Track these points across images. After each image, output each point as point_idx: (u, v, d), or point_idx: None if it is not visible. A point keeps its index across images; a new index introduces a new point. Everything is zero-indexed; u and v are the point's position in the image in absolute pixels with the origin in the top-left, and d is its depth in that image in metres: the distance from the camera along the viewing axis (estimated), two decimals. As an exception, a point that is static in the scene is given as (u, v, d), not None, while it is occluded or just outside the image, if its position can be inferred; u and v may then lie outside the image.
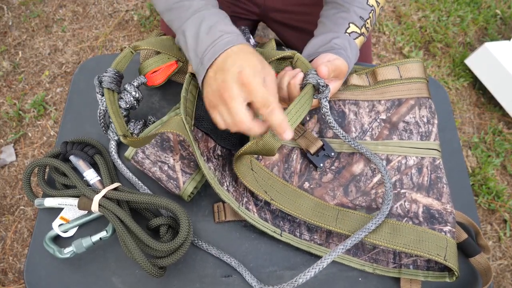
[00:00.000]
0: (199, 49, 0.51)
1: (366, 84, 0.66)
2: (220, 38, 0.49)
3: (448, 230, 0.55)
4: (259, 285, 0.53)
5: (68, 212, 0.57)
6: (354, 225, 0.55)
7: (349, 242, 0.51)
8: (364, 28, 0.63)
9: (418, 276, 0.55)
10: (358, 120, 0.63)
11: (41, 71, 1.54)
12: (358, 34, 0.62)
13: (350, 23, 0.62)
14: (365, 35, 0.64)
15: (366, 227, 0.52)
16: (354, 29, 0.62)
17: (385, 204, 0.54)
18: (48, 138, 1.41)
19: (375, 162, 0.57)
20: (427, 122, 0.63)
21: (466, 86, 1.68)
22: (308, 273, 0.49)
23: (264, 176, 0.57)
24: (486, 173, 1.46)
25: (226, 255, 0.55)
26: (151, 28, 1.66)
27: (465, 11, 1.85)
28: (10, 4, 1.68)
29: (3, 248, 1.24)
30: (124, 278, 0.54)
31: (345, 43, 0.60)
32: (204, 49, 0.50)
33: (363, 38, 0.63)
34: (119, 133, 0.53)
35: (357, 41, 0.62)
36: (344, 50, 0.59)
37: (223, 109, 0.47)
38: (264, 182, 0.56)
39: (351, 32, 0.61)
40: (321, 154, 0.61)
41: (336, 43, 0.60)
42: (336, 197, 0.59)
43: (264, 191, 0.55)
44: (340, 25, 0.62)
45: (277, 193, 0.56)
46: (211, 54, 0.49)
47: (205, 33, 0.50)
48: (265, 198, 0.55)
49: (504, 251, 1.36)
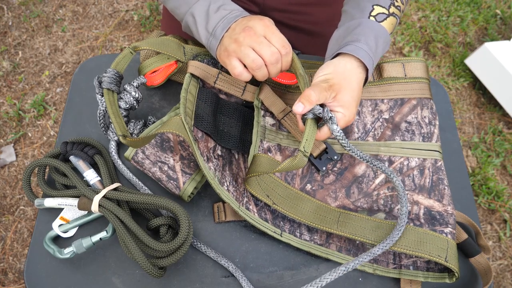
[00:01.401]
0: (209, 25, 0.56)
1: (370, 79, 0.65)
2: (230, 13, 0.56)
3: (449, 231, 0.55)
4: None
5: (68, 212, 0.57)
6: (355, 227, 0.54)
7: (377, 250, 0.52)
8: (393, 7, 0.56)
9: (418, 277, 0.55)
10: (361, 120, 0.63)
11: (41, 71, 1.54)
12: (386, 15, 0.56)
13: (374, 5, 0.56)
14: (396, 15, 0.57)
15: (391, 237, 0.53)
16: (380, 11, 0.56)
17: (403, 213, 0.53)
18: (48, 138, 1.41)
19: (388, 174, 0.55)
20: (428, 123, 0.63)
21: (466, 86, 1.68)
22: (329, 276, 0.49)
23: (266, 180, 0.57)
24: (486, 173, 1.46)
25: (224, 258, 0.55)
26: (151, 28, 1.66)
27: (465, 11, 1.85)
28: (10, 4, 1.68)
29: (3, 248, 1.24)
30: (124, 278, 0.54)
31: (366, 31, 0.54)
32: (215, 24, 0.56)
33: (394, 19, 0.57)
34: (119, 134, 0.53)
35: (385, 24, 0.56)
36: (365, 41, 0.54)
37: (257, 43, 0.52)
38: (266, 186, 0.56)
39: (377, 14, 0.56)
40: (324, 158, 0.60)
41: (355, 34, 0.54)
42: (338, 198, 0.59)
43: (266, 195, 0.56)
44: (363, 9, 0.56)
45: (279, 196, 0.56)
46: (224, 25, 0.55)
47: (214, 12, 0.56)
48: (267, 202, 0.55)
49: (504, 251, 1.36)
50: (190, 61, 0.62)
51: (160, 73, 0.63)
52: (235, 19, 0.55)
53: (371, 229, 0.54)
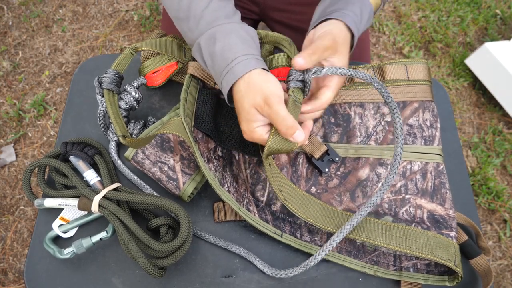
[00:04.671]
0: (216, 68, 0.52)
1: None
2: (233, 63, 0.50)
3: (454, 235, 0.55)
4: (271, 271, 0.54)
5: (68, 212, 0.57)
6: (366, 230, 0.54)
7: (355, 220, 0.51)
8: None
9: (418, 279, 0.55)
10: (363, 124, 0.63)
11: (41, 71, 1.54)
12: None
13: None
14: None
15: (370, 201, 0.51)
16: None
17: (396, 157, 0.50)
18: (48, 138, 1.41)
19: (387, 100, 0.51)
20: (430, 126, 0.63)
21: (466, 86, 1.68)
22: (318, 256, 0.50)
23: (277, 175, 0.55)
24: (486, 173, 1.46)
25: (234, 245, 0.55)
26: (151, 28, 1.66)
27: (465, 11, 1.85)
28: (10, 4, 1.68)
29: (3, 248, 1.24)
30: (124, 278, 0.54)
31: (352, 0, 0.54)
32: (221, 70, 0.51)
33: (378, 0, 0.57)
34: (119, 134, 0.53)
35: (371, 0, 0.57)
36: (351, 9, 0.53)
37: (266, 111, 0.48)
38: (278, 181, 0.55)
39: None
40: (326, 159, 0.60)
41: (342, 3, 0.54)
42: (343, 202, 0.58)
43: (279, 189, 0.54)
44: None
45: (288, 194, 0.55)
46: (230, 77, 0.50)
47: (219, 54, 0.51)
48: (279, 197, 0.54)
49: (504, 251, 1.36)
50: (191, 62, 0.62)
51: (160, 73, 0.63)
52: (237, 77, 0.50)
53: (382, 231, 0.54)
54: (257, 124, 0.49)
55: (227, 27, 0.53)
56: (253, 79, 0.49)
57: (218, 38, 0.52)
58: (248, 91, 0.49)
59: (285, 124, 0.47)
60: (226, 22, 0.53)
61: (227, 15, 0.54)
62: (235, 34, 0.52)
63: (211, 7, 0.53)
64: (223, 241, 0.56)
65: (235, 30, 0.53)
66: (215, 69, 0.52)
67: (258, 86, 0.48)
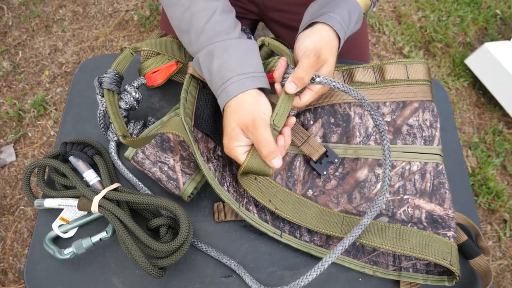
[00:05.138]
0: (213, 85, 0.54)
1: (372, 81, 0.65)
2: (228, 82, 0.52)
3: (451, 235, 0.55)
4: (258, 287, 0.53)
5: (68, 212, 0.57)
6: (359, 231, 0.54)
7: (347, 242, 0.50)
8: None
9: (418, 280, 0.55)
10: (363, 124, 0.63)
11: (41, 71, 1.54)
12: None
13: None
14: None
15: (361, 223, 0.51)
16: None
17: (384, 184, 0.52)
18: (48, 138, 1.41)
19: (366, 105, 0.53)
20: (430, 126, 0.63)
21: (466, 86, 1.68)
22: (309, 276, 0.48)
23: (267, 186, 0.57)
24: (486, 173, 1.46)
25: (226, 257, 0.55)
26: (151, 28, 1.66)
27: (465, 11, 1.85)
28: (10, 4, 1.68)
29: (3, 248, 1.24)
30: (124, 278, 0.54)
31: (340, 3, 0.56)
32: (217, 88, 0.53)
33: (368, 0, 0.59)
34: (119, 134, 0.53)
35: (359, 1, 0.58)
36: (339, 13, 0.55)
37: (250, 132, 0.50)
38: (268, 191, 0.56)
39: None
40: (324, 161, 0.60)
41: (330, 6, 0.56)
42: (340, 204, 0.59)
43: (269, 200, 0.56)
44: None
45: (281, 202, 0.56)
46: (223, 97, 0.52)
47: (216, 71, 0.53)
48: (269, 207, 0.55)
49: (504, 251, 1.36)
50: (190, 62, 0.62)
51: (160, 73, 0.63)
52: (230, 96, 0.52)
53: (375, 232, 0.54)
54: (238, 143, 0.51)
55: (226, 44, 0.54)
56: (245, 100, 0.51)
57: (216, 55, 0.53)
58: (238, 110, 0.51)
59: (268, 148, 0.49)
60: (226, 39, 0.54)
61: (227, 30, 0.55)
62: (233, 51, 0.53)
63: (212, 21, 0.54)
64: (215, 251, 0.55)
65: (233, 47, 0.54)
66: (212, 85, 0.54)
67: (249, 107, 0.50)
